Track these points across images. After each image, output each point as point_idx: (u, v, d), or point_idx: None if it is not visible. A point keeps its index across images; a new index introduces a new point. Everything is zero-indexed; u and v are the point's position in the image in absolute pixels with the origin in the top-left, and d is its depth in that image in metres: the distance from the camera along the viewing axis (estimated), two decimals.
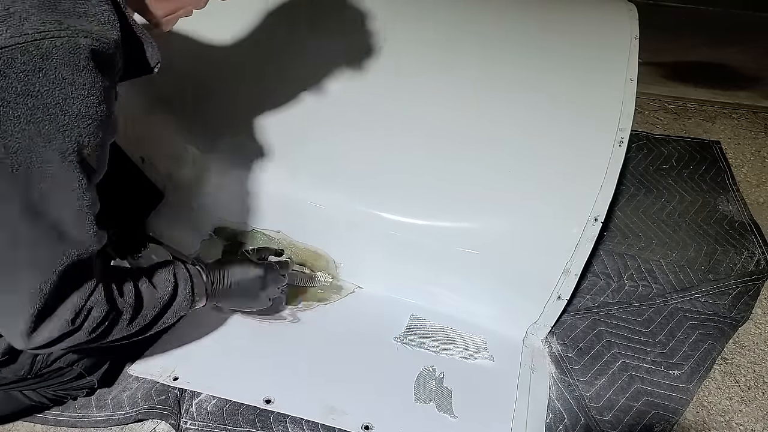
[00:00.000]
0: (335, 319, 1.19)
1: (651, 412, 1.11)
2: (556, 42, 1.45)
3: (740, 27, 2.83)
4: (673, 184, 1.71)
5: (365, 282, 1.25)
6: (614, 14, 1.53)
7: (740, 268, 1.44)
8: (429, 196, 1.19)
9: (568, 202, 1.15)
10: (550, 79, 1.35)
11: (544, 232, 1.15)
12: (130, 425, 1.03)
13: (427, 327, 1.20)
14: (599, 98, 1.30)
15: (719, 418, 1.13)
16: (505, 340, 1.19)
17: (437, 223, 1.17)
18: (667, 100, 2.16)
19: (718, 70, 2.43)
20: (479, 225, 1.16)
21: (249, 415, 1.02)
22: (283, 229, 1.25)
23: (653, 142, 1.88)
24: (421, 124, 1.28)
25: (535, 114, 1.29)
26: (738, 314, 1.32)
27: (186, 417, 1.02)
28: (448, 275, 1.21)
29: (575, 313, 1.28)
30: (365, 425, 1.01)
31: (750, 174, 1.81)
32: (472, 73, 1.37)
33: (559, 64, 1.39)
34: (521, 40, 1.47)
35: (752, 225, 1.59)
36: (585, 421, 1.08)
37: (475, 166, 1.22)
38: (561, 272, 1.14)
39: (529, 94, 1.33)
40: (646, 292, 1.36)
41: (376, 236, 1.19)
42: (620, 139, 1.21)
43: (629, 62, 1.36)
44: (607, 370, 1.17)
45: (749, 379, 1.21)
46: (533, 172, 1.20)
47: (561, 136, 1.24)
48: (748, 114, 2.12)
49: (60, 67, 0.55)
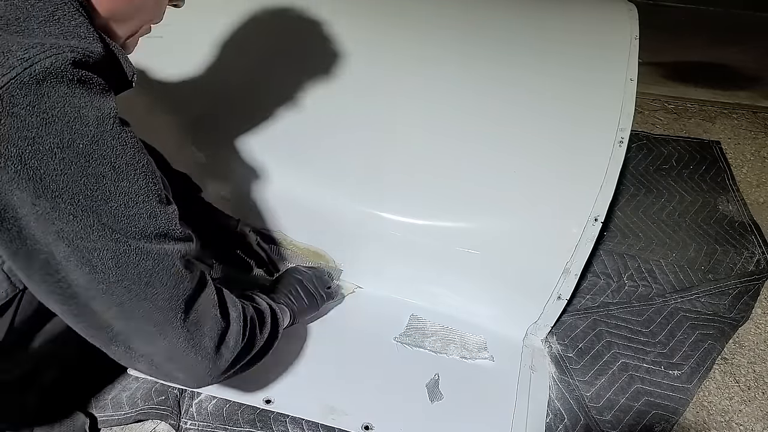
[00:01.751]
0: (335, 319, 1.19)
1: (651, 412, 1.11)
2: (556, 42, 1.45)
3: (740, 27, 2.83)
4: (673, 184, 1.71)
5: (365, 282, 1.25)
6: (614, 14, 1.53)
7: (740, 268, 1.44)
8: (429, 196, 1.19)
9: (568, 202, 1.15)
10: (550, 79, 1.35)
11: (544, 232, 1.15)
12: (130, 425, 1.03)
13: (427, 327, 1.20)
14: (599, 98, 1.30)
15: (719, 418, 1.13)
16: (505, 340, 1.19)
17: (437, 223, 1.17)
18: (667, 100, 2.16)
19: (718, 70, 2.44)
20: (479, 225, 1.16)
21: (249, 415, 1.02)
22: (283, 229, 1.25)
23: (653, 142, 1.88)
24: (421, 124, 1.28)
25: (535, 114, 1.29)
26: (738, 314, 1.32)
27: (186, 417, 1.02)
28: (448, 275, 1.21)
29: (575, 313, 1.28)
30: (365, 425, 1.01)
31: (750, 174, 1.81)
32: (472, 73, 1.37)
33: (559, 64, 1.39)
34: (522, 40, 1.47)
35: (752, 225, 1.59)
36: (585, 421, 1.08)
37: (475, 166, 1.22)
38: (561, 272, 1.14)
39: (530, 94, 1.33)
40: (646, 292, 1.36)
41: (376, 236, 1.19)
42: (620, 139, 1.21)
43: (629, 62, 1.36)
44: (607, 370, 1.17)
45: (749, 379, 1.21)
46: (533, 172, 1.20)
47: (561, 136, 1.24)
48: (748, 114, 2.12)
49: (57, 85, 0.55)
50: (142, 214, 0.62)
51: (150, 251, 0.63)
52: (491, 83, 1.36)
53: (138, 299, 0.64)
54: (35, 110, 0.54)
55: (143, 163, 0.63)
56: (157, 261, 0.64)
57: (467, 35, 1.46)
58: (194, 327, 0.69)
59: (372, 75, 1.36)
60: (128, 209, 0.61)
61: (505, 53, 1.42)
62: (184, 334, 0.68)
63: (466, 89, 1.34)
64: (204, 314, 0.71)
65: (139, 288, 0.63)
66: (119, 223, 0.60)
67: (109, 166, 0.59)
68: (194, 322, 0.69)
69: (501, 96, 1.33)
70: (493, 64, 1.40)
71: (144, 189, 0.63)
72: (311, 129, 1.27)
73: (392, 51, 1.41)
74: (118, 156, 0.60)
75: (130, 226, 0.61)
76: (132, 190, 0.61)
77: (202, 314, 0.70)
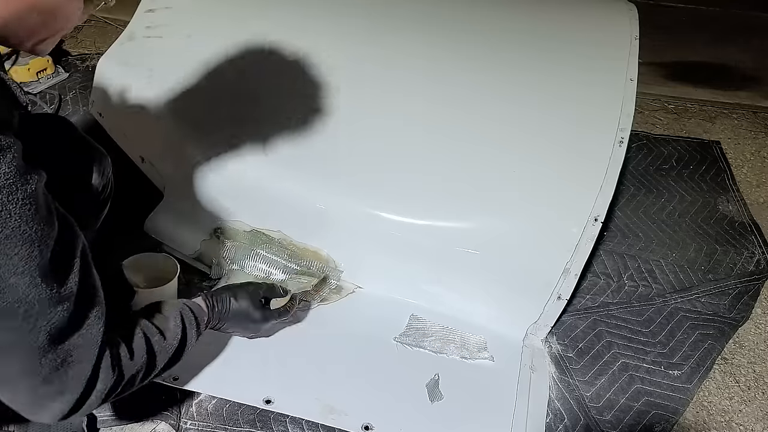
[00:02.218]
0: (335, 319, 1.19)
1: (651, 412, 1.11)
2: (557, 42, 1.45)
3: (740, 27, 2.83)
4: (673, 184, 1.71)
5: (365, 282, 1.25)
6: (614, 14, 1.53)
7: (740, 268, 1.44)
8: (429, 196, 1.19)
9: (568, 202, 1.15)
10: (550, 79, 1.35)
11: (544, 232, 1.15)
12: (130, 425, 1.03)
13: (427, 327, 1.20)
14: (599, 98, 1.30)
15: (719, 418, 1.13)
16: (505, 340, 1.19)
17: (437, 223, 1.17)
18: (667, 100, 2.16)
19: (718, 70, 2.44)
20: (479, 225, 1.16)
21: (249, 415, 1.02)
22: (283, 229, 1.25)
23: (653, 142, 1.88)
24: (421, 124, 1.28)
25: (535, 114, 1.29)
26: (738, 314, 1.32)
27: (186, 417, 1.02)
28: (448, 275, 1.21)
29: (575, 313, 1.28)
30: (365, 425, 1.01)
31: (750, 174, 1.81)
32: (472, 74, 1.37)
33: (559, 64, 1.39)
34: (521, 40, 1.47)
35: (752, 225, 1.59)
36: (585, 421, 1.08)
37: (475, 166, 1.22)
38: (561, 272, 1.14)
39: (530, 95, 1.33)
40: (646, 292, 1.36)
41: (376, 236, 1.19)
42: (620, 139, 1.21)
43: (629, 62, 1.36)
44: (607, 370, 1.17)
45: (749, 379, 1.21)
46: (533, 172, 1.20)
47: (561, 136, 1.24)
48: (748, 114, 2.12)
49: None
50: (20, 285, 0.57)
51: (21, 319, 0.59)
52: (491, 83, 1.36)
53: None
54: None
55: (30, 232, 0.57)
56: (25, 330, 0.60)
57: (467, 35, 1.46)
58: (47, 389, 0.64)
59: (372, 75, 1.36)
60: (3, 281, 0.56)
61: (505, 53, 1.42)
62: (34, 396, 0.64)
63: (467, 89, 1.34)
64: (64, 378, 0.65)
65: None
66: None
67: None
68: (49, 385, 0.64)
69: (501, 96, 1.33)
70: (492, 64, 1.40)
71: (25, 260, 0.57)
72: (311, 129, 1.27)
73: (392, 52, 1.41)
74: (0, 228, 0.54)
75: (5, 296, 0.57)
76: (11, 262, 0.56)
77: (62, 377, 0.65)
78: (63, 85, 1.86)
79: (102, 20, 2.28)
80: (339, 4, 1.54)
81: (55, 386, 0.65)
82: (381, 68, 1.38)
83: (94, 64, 1.80)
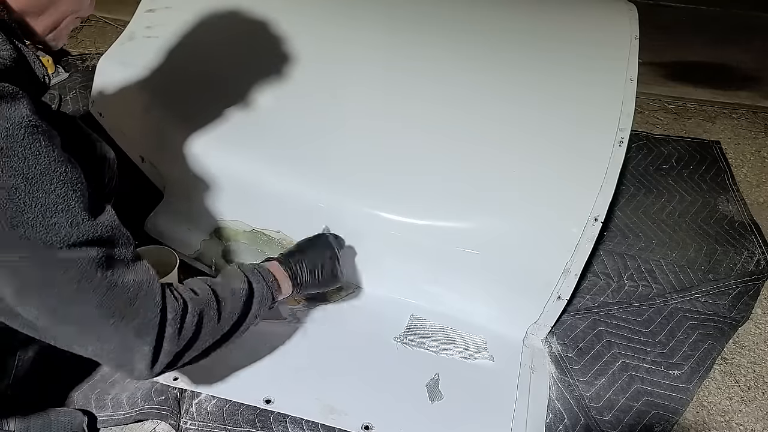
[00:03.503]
0: (335, 319, 1.19)
1: (651, 412, 1.11)
2: (556, 42, 1.45)
3: (740, 27, 2.83)
4: (673, 184, 1.71)
5: (365, 282, 1.25)
6: (614, 14, 1.53)
7: (740, 268, 1.44)
8: (429, 196, 1.19)
9: (568, 202, 1.15)
10: (550, 79, 1.35)
11: (544, 232, 1.15)
12: (130, 425, 1.03)
13: (427, 327, 1.20)
14: (599, 98, 1.30)
15: (719, 418, 1.13)
16: (505, 340, 1.19)
17: (437, 223, 1.17)
18: (667, 100, 2.16)
19: (718, 70, 2.43)
20: (479, 225, 1.16)
21: (249, 415, 1.02)
22: (283, 229, 1.25)
23: (653, 142, 1.88)
24: (421, 124, 1.28)
25: (535, 114, 1.29)
26: (738, 314, 1.32)
27: (186, 417, 1.02)
28: (448, 275, 1.21)
29: (575, 313, 1.28)
30: (365, 425, 1.01)
31: (750, 174, 1.81)
32: (472, 74, 1.37)
33: (559, 64, 1.39)
34: (521, 40, 1.47)
35: (752, 225, 1.59)
36: (585, 421, 1.08)
37: (475, 166, 1.22)
38: (561, 272, 1.14)
39: (530, 95, 1.33)
40: (646, 292, 1.36)
41: (376, 236, 1.19)
42: (620, 139, 1.21)
43: (629, 62, 1.36)
44: (607, 370, 1.17)
45: (749, 379, 1.21)
46: (533, 172, 1.20)
47: (561, 136, 1.24)
48: (748, 114, 2.12)
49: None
50: (63, 223, 0.61)
51: (75, 259, 0.62)
52: (491, 83, 1.36)
53: (69, 304, 0.64)
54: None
55: (61, 171, 0.62)
56: (84, 268, 0.63)
57: (467, 35, 1.46)
58: (127, 327, 0.68)
59: (373, 75, 1.36)
60: (46, 219, 0.60)
61: (505, 53, 1.43)
62: (119, 336, 0.67)
63: (466, 89, 1.34)
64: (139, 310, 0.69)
65: (68, 294, 0.63)
66: (38, 233, 0.60)
67: (21, 178, 0.58)
68: (128, 321, 0.68)
69: (501, 96, 1.33)
70: (493, 64, 1.40)
71: (63, 198, 0.62)
72: (312, 129, 1.27)
73: (393, 52, 1.41)
74: (31, 167, 0.59)
75: (50, 236, 0.60)
76: (49, 200, 0.60)
77: (137, 310, 0.68)
78: (63, 85, 1.86)
79: (102, 20, 2.28)
80: (341, 5, 1.54)
81: (133, 325, 0.68)
82: (381, 68, 1.38)
83: (94, 64, 1.80)
